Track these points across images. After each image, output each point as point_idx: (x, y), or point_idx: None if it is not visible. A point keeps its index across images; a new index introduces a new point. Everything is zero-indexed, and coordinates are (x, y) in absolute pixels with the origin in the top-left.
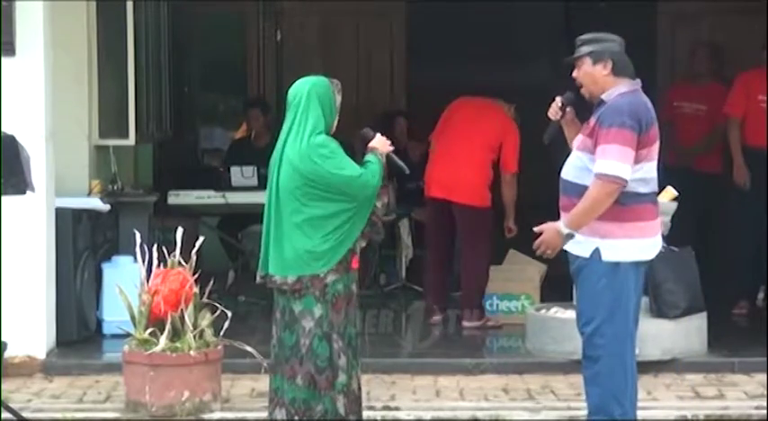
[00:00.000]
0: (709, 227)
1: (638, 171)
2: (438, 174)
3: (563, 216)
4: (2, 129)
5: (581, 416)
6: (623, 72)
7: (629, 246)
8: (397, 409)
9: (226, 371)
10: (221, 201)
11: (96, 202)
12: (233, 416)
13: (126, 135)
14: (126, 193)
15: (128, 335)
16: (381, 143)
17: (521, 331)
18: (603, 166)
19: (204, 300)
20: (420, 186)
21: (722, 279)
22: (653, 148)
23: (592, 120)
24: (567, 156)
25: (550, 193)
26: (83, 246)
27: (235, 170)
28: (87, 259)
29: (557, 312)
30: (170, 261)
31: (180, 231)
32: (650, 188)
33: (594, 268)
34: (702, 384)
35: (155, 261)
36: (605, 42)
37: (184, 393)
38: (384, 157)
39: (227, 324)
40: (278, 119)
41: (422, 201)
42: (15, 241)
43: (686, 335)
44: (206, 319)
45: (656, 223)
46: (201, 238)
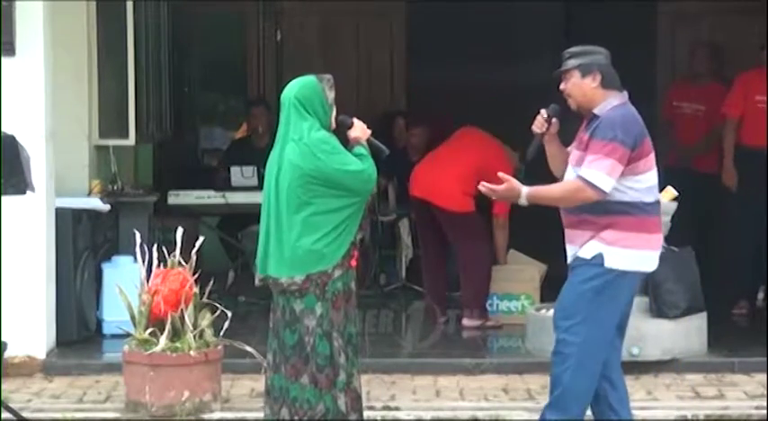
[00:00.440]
0: (710, 227)
1: (640, 181)
2: (420, 175)
3: (567, 232)
4: (2, 129)
5: None
6: (611, 84)
7: (633, 255)
8: (397, 409)
9: (226, 371)
10: (221, 201)
11: (96, 202)
12: (233, 416)
13: (126, 135)
14: (126, 193)
15: (128, 335)
16: (362, 131)
17: (521, 331)
18: (590, 174)
19: (204, 300)
20: None
21: (722, 279)
22: (650, 158)
23: (585, 135)
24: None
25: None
26: (83, 246)
27: (235, 170)
28: (87, 259)
29: None
30: (170, 261)
31: (180, 231)
32: (654, 196)
33: (593, 269)
34: (702, 384)
35: (155, 261)
36: (593, 55)
37: (184, 393)
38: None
39: (227, 324)
40: (278, 119)
41: None
42: (15, 241)
43: (686, 335)
44: (206, 319)
45: (660, 237)
46: (201, 238)
